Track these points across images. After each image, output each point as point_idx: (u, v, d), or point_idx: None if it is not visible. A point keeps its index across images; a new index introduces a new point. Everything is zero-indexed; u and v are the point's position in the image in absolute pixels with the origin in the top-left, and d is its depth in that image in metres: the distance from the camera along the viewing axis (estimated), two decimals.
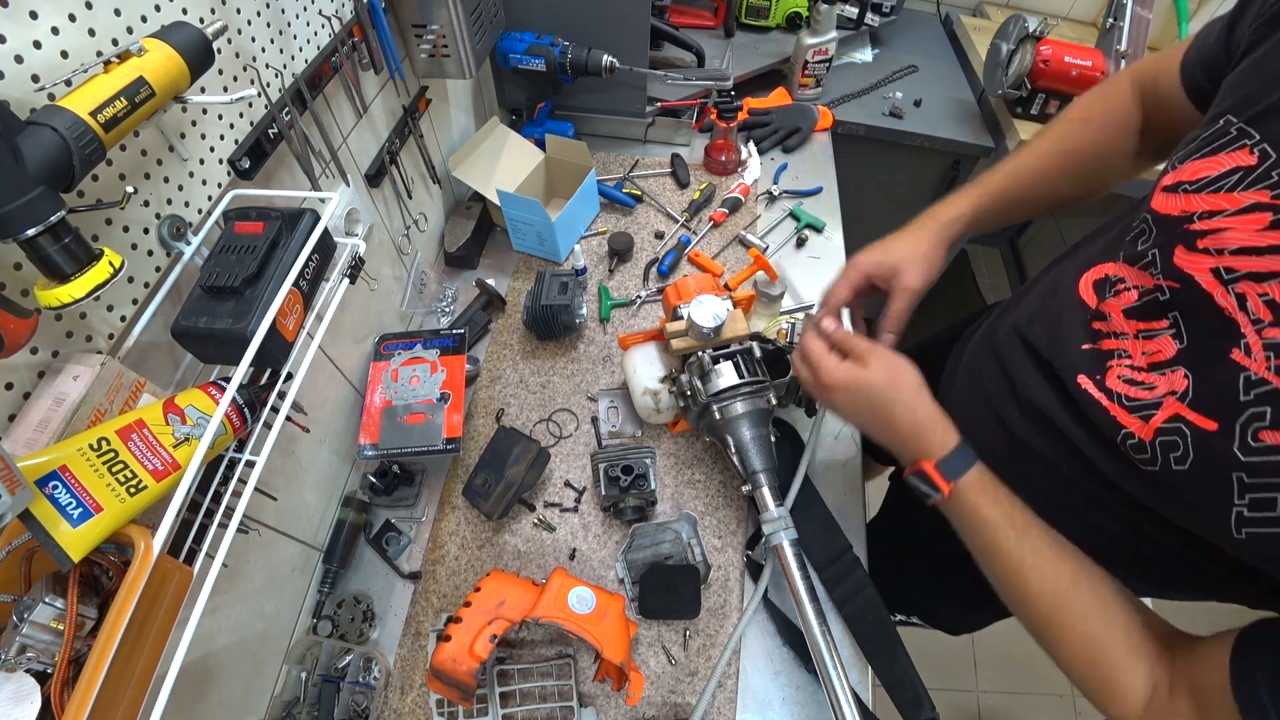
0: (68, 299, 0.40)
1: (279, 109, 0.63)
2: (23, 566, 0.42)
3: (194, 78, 0.48)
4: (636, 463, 0.84)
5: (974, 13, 1.77)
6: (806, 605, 0.66)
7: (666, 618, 0.79)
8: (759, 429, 0.74)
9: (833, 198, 1.28)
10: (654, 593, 0.78)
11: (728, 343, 0.78)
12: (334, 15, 0.72)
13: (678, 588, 0.78)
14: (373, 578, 0.84)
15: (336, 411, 0.87)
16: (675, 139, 1.35)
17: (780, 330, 0.92)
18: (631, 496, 0.83)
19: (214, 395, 0.50)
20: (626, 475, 0.83)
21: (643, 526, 0.84)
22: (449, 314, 1.08)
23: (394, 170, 0.91)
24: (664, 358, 0.88)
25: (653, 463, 0.85)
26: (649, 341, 0.90)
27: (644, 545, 0.83)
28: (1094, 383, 0.51)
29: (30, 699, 0.37)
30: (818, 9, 1.32)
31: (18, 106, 0.39)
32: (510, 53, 1.10)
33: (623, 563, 0.82)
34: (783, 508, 0.69)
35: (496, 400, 0.98)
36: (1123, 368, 0.49)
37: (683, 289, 0.82)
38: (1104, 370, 0.50)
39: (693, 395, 0.76)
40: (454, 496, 0.89)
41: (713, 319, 0.73)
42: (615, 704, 0.75)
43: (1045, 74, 1.30)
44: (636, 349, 0.89)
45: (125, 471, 0.43)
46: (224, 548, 0.50)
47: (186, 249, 0.55)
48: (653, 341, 0.90)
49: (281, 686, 0.74)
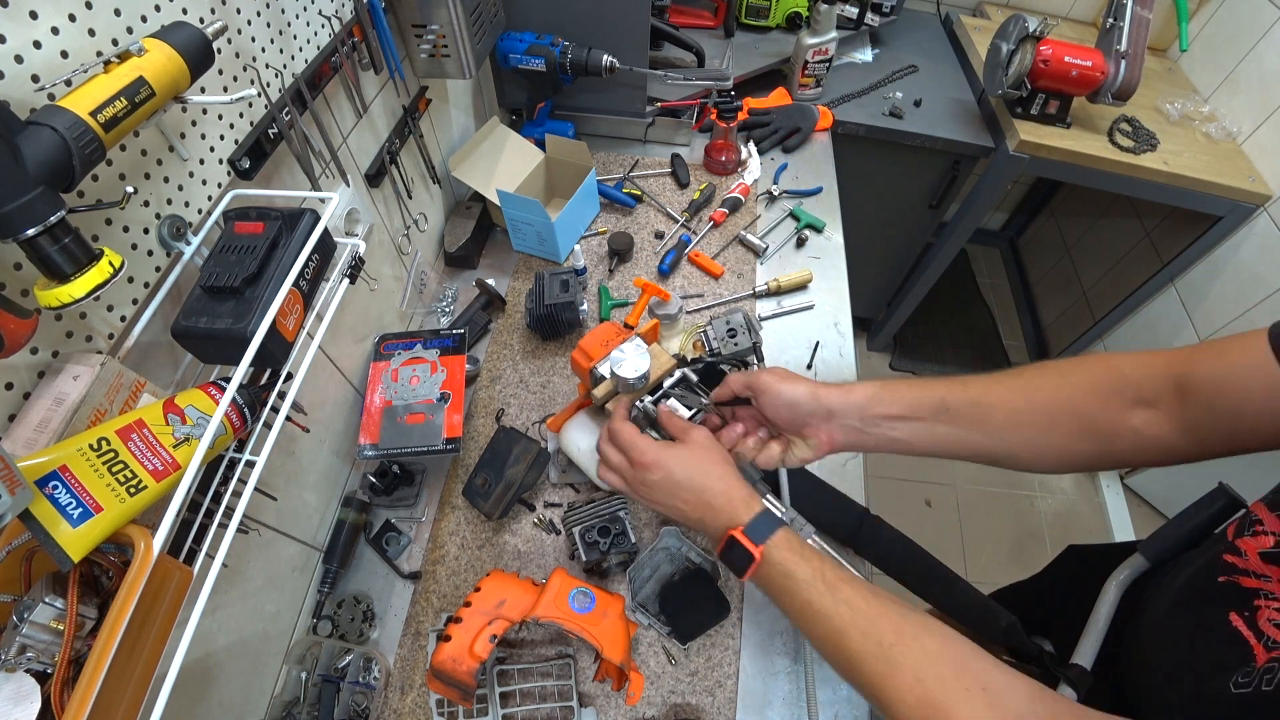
0: (68, 299, 0.40)
1: (279, 109, 0.63)
2: (23, 566, 0.42)
3: (194, 78, 0.48)
4: (612, 520, 0.80)
5: (974, 13, 1.77)
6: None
7: (707, 629, 0.78)
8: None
9: (833, 198, 1.28)
10: (681, 616, 0.77)
11: (659, 381, 0.72)
12: (334, 15, 0.72)
13: (697, 598, 0.77)
14: (373, 578, 0.84)
15: (336, 411, 0.87)
16: (675, 139, 1.35)
17: (696, 342, 0.90)
18: (614, 554, 0.80)
19: (214, 395, 0.50)
20: (605, 537, 0.79)
21: (634, 566, 0.80)
22: (449, 314, 1.08)
23: (394, 170, 0.91)
24: (598, 419, 0.83)
25: (627, 514, 0.82)
26: (578, 411, 0.85)
27: (645, 579, 0.80)
28: (1243, 620, 0.46)
29: (30, 699, 0.37)
30: (818, 9, 1.32)
31: (18, 106, 0.39)
32: (510, 53, 1.10)
33: (638, 610, 0.79)
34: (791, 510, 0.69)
35: (496, 400, 0.98)
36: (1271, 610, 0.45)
37: (589, 349, 0.75)
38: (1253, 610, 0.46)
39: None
40: (454, 496, 0.89)
41: (638, 369, 0.67)
42: (615, 704, 0.75)
43: (1045, 74, 1.31)
44: (569, 424, 0.84)
45: (125, 471, 0.43)
46: (224, 548, 0.50)
47: (186, 249, 0.55)
48: (581, 410, 0.85)
49: (281, 686, 0.74)
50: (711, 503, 0.56)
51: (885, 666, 0.46)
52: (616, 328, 0.78)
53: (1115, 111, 1.44)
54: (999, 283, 2.50)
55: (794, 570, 0.51)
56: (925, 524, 1.91)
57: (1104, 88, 1.30)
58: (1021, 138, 1.38)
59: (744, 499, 0.56)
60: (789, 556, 0.52)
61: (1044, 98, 1.38)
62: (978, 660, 0.45)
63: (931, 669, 0.44)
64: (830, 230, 1.21)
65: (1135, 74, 1.27)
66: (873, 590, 0.50)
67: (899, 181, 1.60)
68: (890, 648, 0.46)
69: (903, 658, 0.45)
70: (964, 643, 0.46)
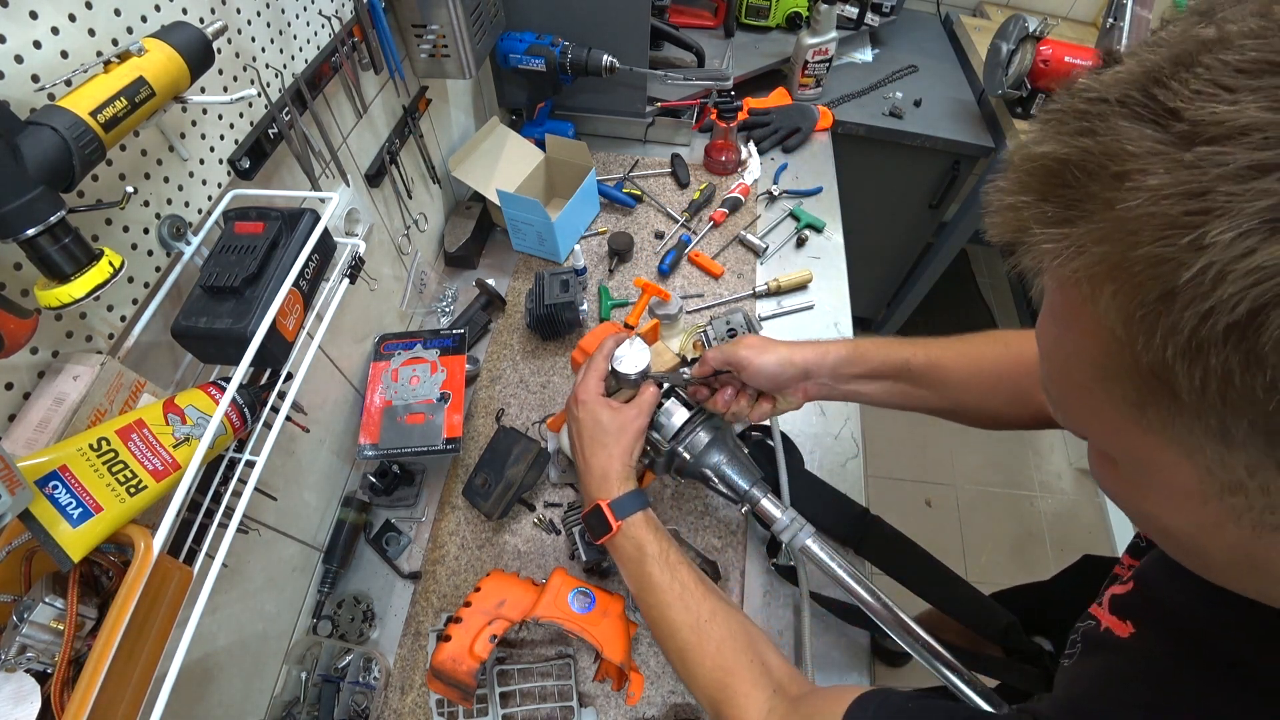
0: (68, 299, 0.40)
1: (279, 109, 0.63)
2: (23, 566, 0.42)
3: (194, 78, 0.48)
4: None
5: (974, 13, 1.77)
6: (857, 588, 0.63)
7: None
8: (729, 448, 0.70)
9: (833, 198, 1.28)
10: None
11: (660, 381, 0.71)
12: (334, 15, 0.72)
13: None
14: (373, 578, 0.84)
15: (336, 411, 0.87)
16: (675, 139, 1.35)
17: (696, 342, 0.90)
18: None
19: (214, 395, 0.50)
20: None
21: None
22: (449, 314, 1.08)
23: (394, 170, 0.91)
24: None
25: None
26: None
27: None
28: None
29: (30, 699, 0.37)
30: (818, 9, 1.32)
31: (18, 106, 0.39)
32: (510, 53, 1.10)
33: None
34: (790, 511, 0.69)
35: (496, 400, 0.98)
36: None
37: (589, 349, 0.75)
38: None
39: (654, 448, 0.71)
40: (454, 496, 0.89)
41: (637, 366, 0.67)
42: (615, 704, 0.75)
43: (1045, 74, 1.31)
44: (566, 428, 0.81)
45: (125, 471, 0.43)
46: (224, 548, 0.50)
47: (186, 249, 0.55)
48: None
49: (281, 686, 0.74)
50: (595, 469, 0.64)
51: (696, 636, 0.57)
52: (616, 328, 0.78)
53: None
54: (999, 283, 2.50)
55: (645, 546, 0.61)
56: (925, 524, 1.90)
57: None
58: (1022, 138, 1.38)
59: (621, 478, 0.63)
60: (643, 534, 0.61)
61: (1044, 98, 1.37)
62: (764, 644, 0.57)
63: (730, 642, 0.56)
64: (830, 230, 1.21)
65: None
66: (700, 577, 0.61)
67: (899, 181, 1.60)
68: (704, 622, 0.57)
69: (711, 630, 0.57)
70: (759, 632, 0.58)
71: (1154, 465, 0.26)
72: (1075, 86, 0.24)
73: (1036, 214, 0.24)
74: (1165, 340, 0.21)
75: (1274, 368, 0.19)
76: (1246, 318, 0.19)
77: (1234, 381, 0.20)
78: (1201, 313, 0.20)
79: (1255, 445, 0.21)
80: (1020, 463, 2.04)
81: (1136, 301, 0.21)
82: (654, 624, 0.61)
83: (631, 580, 0.62)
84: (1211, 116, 0.20)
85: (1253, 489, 0.23)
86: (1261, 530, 0.24)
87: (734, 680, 0.54)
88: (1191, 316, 0.20)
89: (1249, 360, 0.19)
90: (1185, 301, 0.20)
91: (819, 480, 0.84)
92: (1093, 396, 0.27)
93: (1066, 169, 0.23)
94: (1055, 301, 0.27)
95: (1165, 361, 0.21)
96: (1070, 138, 0.23)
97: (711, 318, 0.94)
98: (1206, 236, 0.19)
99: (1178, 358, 0.21)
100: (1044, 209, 0.24)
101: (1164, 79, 0.21)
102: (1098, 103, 0.23)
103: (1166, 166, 0.20)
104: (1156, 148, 0.21)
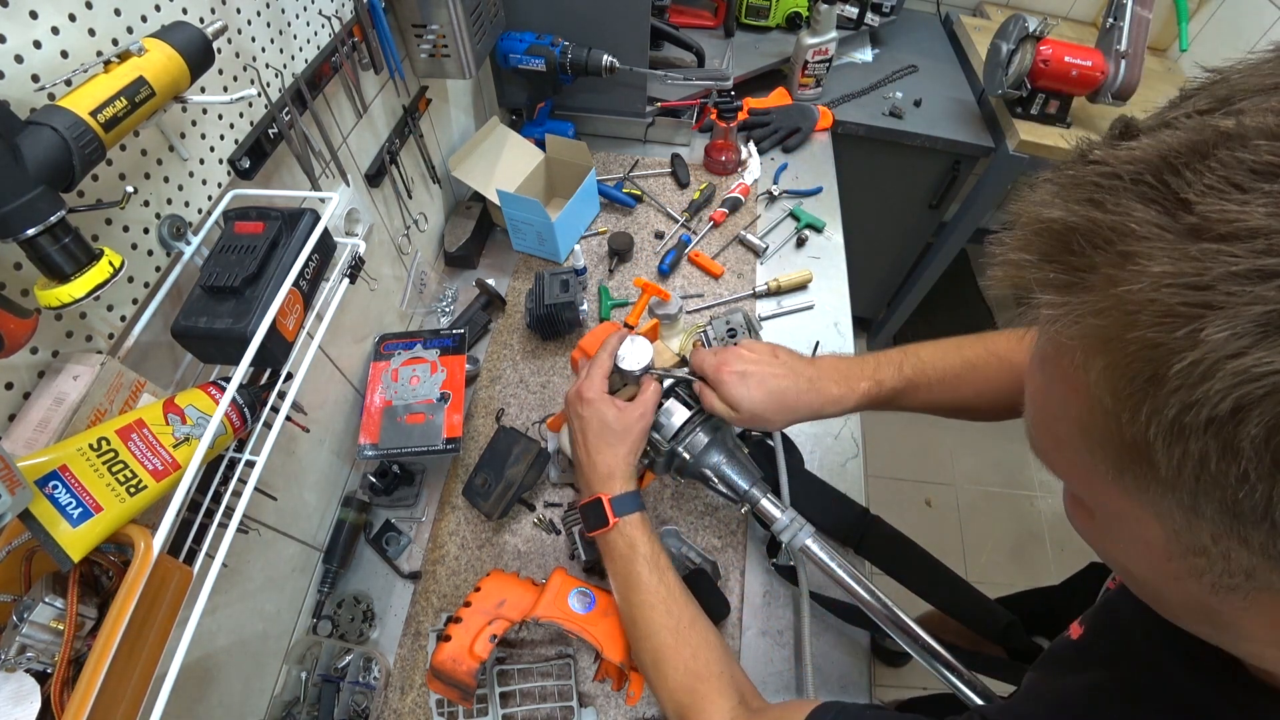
0: (68, 299, 0.40)
1: (279, 109, 0.63)
2: (23, 566, 0.42)
3: (194, 78, 0.48)
4: None
5: (974, 13, 1.77)
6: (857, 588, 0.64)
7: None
8: (729, 448, 0.70)
9: (833, 198, 1.28)
10: None
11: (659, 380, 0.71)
12: (334, 15, 0.72)
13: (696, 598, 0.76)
14: (373, 578, 0.84)
15: (336, 411, 0.87)
16: (675, 139, 1.35)
17: (696, 342, 0.90)
18: None
19: (214, 395, 0.50)
20: None
21: None
22: (449, 314, 1.08)
23: (394, 170, 0.91)
24: None
25: None
26: None
27: None
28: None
29: (30, 699, 0.37)
30: (818, 9, 1.32)
31: (18, 106, 0.39)
32: (510, 53, 1.10)
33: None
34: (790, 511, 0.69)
35: (496, 400, 0.98)
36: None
37: (589, 349, 0.76)
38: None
39: (654, 448, 0.71)
40: (454, 496, 0.89)
41: (639, 362, 0.67)
42: (615, 704, 0.75)
43: (1045, 74, 1.30)
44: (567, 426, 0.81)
45: (125, 471, 0.43)
46: (224, 548, 0.50)
47: (186, 249, 0.55)
48: None
49: (281, 686, 0.74)
50: (600, 467, 0.65)
51: (674, 639, 0.59)
52: (616, 327, 0.78)
53: (1115, 111, 1.43)
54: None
55: (637, 545, 0.62)
56: (925, 524, 1.90)
57: (1104, 88, 1.30)
58: (1022, 138, 1.38)
59: (624, 477, 0.65)
60: (637, 533, 0.63)
61: (1044, 98, 1.37)
62: (733, 660, 0.61)
63: (705, 650, 0.59)
64: (830, 230, 1.21)
65: (1135, 74, 1.27)
66: (684, 587, 0.63)
67: (899, 181, 1.60)
68: (683, 629, 0.60)
69: (689, 638, 0.59)
70: (728, 648, 0.62)
71: (1125, 518, 0.28)
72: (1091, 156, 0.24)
73: (1039, 276, 0.25)
74: (1150, 419, 0.22)
75: (1248, 460, 0.20)
76: (1229, 413, 0.20)
77: (1209, 467, 0.21)
78: (1187, 402, 0.20)
79: (1222, 520, 0.22)
80: (1020, 463, 2.04)
81: (1127, 379, 0.22)
82: (633, 623, 0.62)
83: (617, 577, 0.64)
84: (1221, 214, 0.20)
85: (1215, 554, 0.24)
86: (1219, 590, 0.25)
87: (704, 687, 0.57)
88: (1177, 403, 0.21)
89: (1226, 450, 0.20)
90: (1173, 388, 0.21)
91: (819, 480, 0.84)
92: (1074, 450, 0.28)
93: (1073, 237, 0.23)
94: (1047, 354, 0.28)
95: (1147, 438, 0.22)
96: (1080, 206, 0.23)
97: (711, 318, 0.94)
98: (1202, 331, 0.20)
99: (1159, 437, 0.22)
100: (1046, 272, 0.24)
101: (1179, 167, 0.21)
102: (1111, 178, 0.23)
103: (1171, 256, 0.21)
104: (1164, 235, 0.21)
